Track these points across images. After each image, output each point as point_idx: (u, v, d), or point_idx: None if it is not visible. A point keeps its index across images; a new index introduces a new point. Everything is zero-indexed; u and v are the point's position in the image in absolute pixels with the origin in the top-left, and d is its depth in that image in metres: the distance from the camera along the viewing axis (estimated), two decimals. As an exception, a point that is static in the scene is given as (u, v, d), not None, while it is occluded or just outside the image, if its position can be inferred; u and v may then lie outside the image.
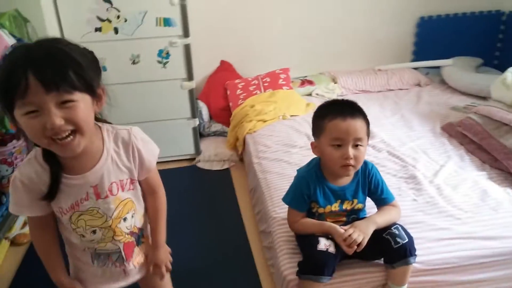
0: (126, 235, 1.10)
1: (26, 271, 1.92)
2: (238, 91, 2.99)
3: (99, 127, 1.03)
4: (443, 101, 2.90)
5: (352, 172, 1.41)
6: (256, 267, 1.87)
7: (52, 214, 1.05)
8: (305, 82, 3.15)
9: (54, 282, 1.13)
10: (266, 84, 2.98)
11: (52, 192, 0.97)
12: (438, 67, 3.32)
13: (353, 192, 1.48)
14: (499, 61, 3.55)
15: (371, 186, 1.49)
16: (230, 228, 2.16)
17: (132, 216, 1.10)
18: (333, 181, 1.47)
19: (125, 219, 1.08)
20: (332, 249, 1.38)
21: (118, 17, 2.46)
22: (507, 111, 2.13)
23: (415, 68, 3.35)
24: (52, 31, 2.36)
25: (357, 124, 1.36)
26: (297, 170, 1.56)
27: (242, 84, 3.03)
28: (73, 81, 0.86)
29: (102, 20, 2.46)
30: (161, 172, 1.17)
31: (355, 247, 1.35)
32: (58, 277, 1.11)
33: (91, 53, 0.95)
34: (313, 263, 1.38)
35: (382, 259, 1.49)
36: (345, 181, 1.47)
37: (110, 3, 2.41)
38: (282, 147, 2.35)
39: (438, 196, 1.81)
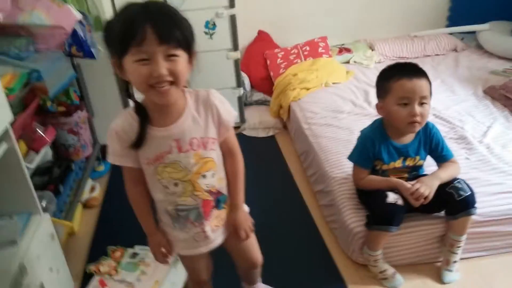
0: (205, 192, 1.16)
1: (102, 232, 2.08)
2: (279, 61, 3.07)
3: (182, 89, 1.11)
4: (481, 65, 2.95)
5: (417, 128, 1.51)
6: (315, 224, 2.00)
7: (142, 172, 1.15)
8: (342, 50, 3.22)
9: (147, 235, 1.23)
10: (306, 53, 3.06)
11: (140, 140, 1.07)
12: (473, 32, 3.35)
13: (416, 149, 1.59)
14: (534, 24, 3.55)
15: (432, 144, 1.59)
16: (284, 190, 2.28)
17: (212, 176, 1.16)
18: (397, 139, 1.58)
19: (204, 176, 1.14)
20: (400, 202, 1.51)
21: (168, -11, 2.54)
22: (552, 72, 2.19)
23: (451, 34, 3.38)
24: (106, 5, 2.45)
25: (422, 83, 1.46)
26: (361, 131, 1.66)
27: (282, 53, 3.11)
28: (180, 38, 0.97)
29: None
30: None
31: (422, 200, 1.47)
32: (149, 229, 1.21)
33: (188, 20, 1.04)
34: (382, 215, 1.51)
35: (443, 211, 1.62)
36: (408, 139, 1.58)
37: (160, -24, 2.49)
38: (329, 113, 2.45)
39: (489, 154, 1.91)
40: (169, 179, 1.13)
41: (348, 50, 3.21)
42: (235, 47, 2.75)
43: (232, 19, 2.67)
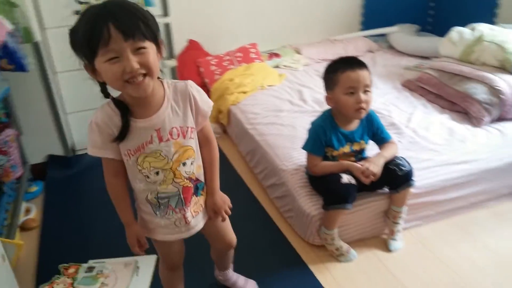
0: (185, 179, 1.21)
1: (48, 252, 1.97)
2: (212, 67, 3.16)
3: (161, 80, 1.17)
4: (395, 63, 3.30)
5: (363, 114, 1.69)
6: (270, 216, 2.10)
7: (122, 163, 1.18)
8: (272, 55, 3.40)
9: (125, 226, 1.25)
10: (239, 59, 3.18)
11: (122, 133, 1.11)
12: (384, 35, 3.74)
13: (361, 134, 1.77)
14: (432, 26, 4.04)
15: (373, 128, 1.79)
16: (235, 190, 2.31)
17: (192, 164, 1.21)
18: (344, 127, 1.75)
19: (184, 164, 1.19)
20: (353, 182, 1.67)
21: (98, -1, 2.51)
22: (456, 63, 2.54)
23: (366, 37, 3.73)
24: (31, 16, 2.36)
25: (365, 73, 1.64)
26: (312, 123, 1.81)
27: (215, 60, 3.20)
28: (144, 31, 1.01)
29: (81, 3, 2.49)
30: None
31: (372, 177, 1.65)
32: (127, 219, 1.24)
33: (149, 11, 1.09)
34: (339, 194, 1.67)
35: (386, 188, 1.81)
36: (354, 126, 1.76)
37: (90, -15, 2.46)
38: (270, 112, 2.59)
39: (416, 136, 2.18)
40: (150, 168, 1.17)
41: (277, 55, 3.40)
42: (171, 55, 2.79)
43: (167, 28, 2.71)
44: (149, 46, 1.03)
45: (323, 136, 1.72)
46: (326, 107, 1.92)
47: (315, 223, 1.80)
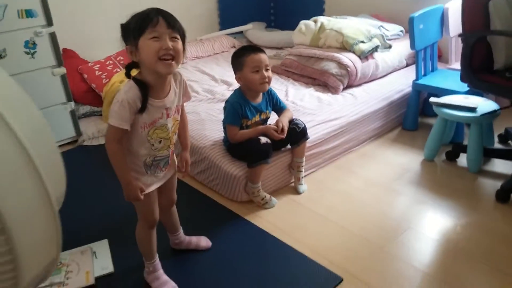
0: (172, 145, 1.59)
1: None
2: (97, 73, 3.27)
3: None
4: (257, 54, 3.89)
5: (267, 87, 2.15)
6: (196, 189, 2.43)
7: (126, 132, 1.44)
8: (149, 57, 3.64)
9: (123, 184, 1.49)
10: (122, 62, 3.36)
11: (143, 107, 1.42)
12: (241, 32, 4.32)
13: (266, 105, 2.25)
14: (274, 23, 4.80)
15: (273, 100, 2.28)
16: None
17: (175, 133, 1.60)
18: (253, 100, 2.20)
19: (175, 133, 1.59)
20: (269, 141, 2.14)
21: (-21, 12, 2.45)
22: (310, 48, 3.22)
23: (227, 35, 4.25)
24: None
25: (264, 56, 2.12)
26: (227, 101, 2.22)
27: (98, 66, 3.31)
28: (179, 28, 1.40)
29: None
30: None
31: (284, 132, 2.13)
32: (128, 178, 1.48)
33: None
34: (261, 152, 2.11)
35: (289, 145, 2.33)
36: (260, 99, 2.22)
37: (-32, -1, 2.38)
38: (170, 105, 2.88)
39: (296, 106, 2.76)
40: (157, 138, 1.51)
41: (154, 57, 3.66)
42: (60, 63, 2.84)
43: (52, 37, 2.76)
44: (179, 40, 1.40)
45: (240, 109, 2.14)
46: (217, 95, 2.35)
47: (242, 182, 2.21)
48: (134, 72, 1.48)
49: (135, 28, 1.37)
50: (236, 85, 2.27)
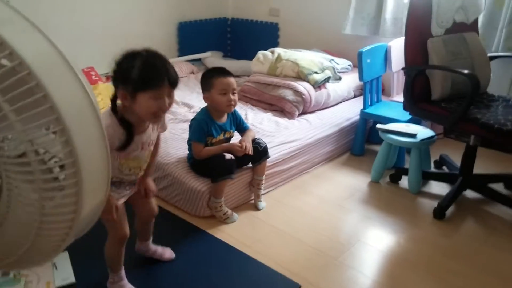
0: (142, 171, 1.69)
1: None
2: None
3: None
4: (215, 80, 4.05)
5: (232, 109, 2.30)
6: (161, 206, 2.48)
7: None
8: (109, 77, 3.67)
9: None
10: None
11: (126, 145, 1.50)
12: (199, 59, 4.48)
13: (230, 125, 2.39)
14: (230, 52, 5.02)
15: (237, 120, 2.43)
16: None
17: (146, 162, 1.69)
18: (218, 120, 2.33)
19: (146, 162, 1.68)
20: (233, 158, 2.26)
21: None
22: (267, 77, 3.43)
23: (186, 61, 4.39)
24: None
25: (232, 80, 2.27)
26: (193, 119, 2.34)
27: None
28: (177, 83, 1.48)
29: None
30: None
31: (248, 150, 2.28)
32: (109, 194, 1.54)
33: None
34: (225, 168, 2.23)
35: (249, 164, 2.47)
36: (224, 119, 2.36)
37: None
38: (132, 123, 2.94)
39: (256, 128, 2.92)
40: (127, 167, 1.60)
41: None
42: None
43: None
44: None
45: (205, 127, 2.26)
46: (179, 116, 2.47)
47: (205, 197, 2.31)
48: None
49: (138, 81, 1.40)
50: (197, 107, 2.42)
